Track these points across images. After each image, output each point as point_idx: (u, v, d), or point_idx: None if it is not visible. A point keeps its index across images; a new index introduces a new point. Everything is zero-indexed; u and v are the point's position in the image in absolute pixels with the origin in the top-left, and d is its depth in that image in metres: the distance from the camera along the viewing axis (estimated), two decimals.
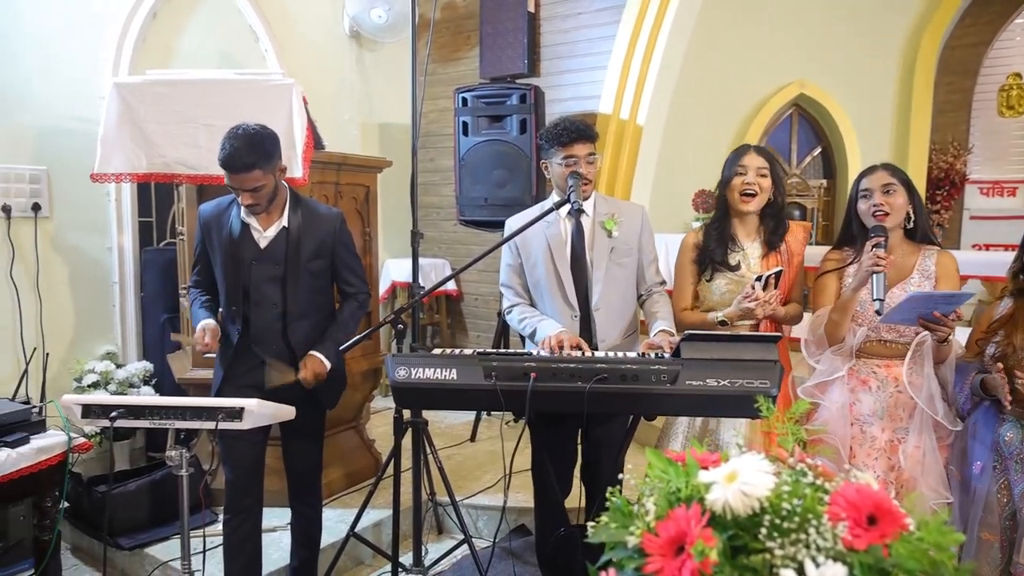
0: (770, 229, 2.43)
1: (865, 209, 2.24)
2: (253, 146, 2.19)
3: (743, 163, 2.39)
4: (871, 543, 0.81)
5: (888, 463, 2.20)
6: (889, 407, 2.22)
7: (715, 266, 2.41)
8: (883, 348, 2.25)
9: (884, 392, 2.22)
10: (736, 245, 2.43)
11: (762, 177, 2.38)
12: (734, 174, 2.40)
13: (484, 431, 4.27)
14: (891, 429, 2.22)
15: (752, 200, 2.38)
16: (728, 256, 2.41)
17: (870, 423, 2.23)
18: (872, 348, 2.26)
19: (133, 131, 2.99)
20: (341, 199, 3.35)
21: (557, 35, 4.82)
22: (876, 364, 2.26)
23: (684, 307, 2.49)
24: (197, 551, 2.30)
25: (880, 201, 2.20)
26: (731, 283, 2.39)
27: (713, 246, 2.42)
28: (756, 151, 2.43)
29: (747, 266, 2.40)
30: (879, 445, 2.22)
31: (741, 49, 5.17)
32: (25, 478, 2.24)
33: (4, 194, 3.31)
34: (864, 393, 2.25)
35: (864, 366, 2.27)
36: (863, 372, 2.27)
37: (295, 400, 2.25)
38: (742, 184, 2.38)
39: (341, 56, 5.11)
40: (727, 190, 2.42)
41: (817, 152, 5.88)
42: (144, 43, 3.87)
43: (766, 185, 2.38)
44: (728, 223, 2.44)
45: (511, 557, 3.07)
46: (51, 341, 3.45)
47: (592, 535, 0.94)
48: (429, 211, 5.44)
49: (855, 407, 2.25)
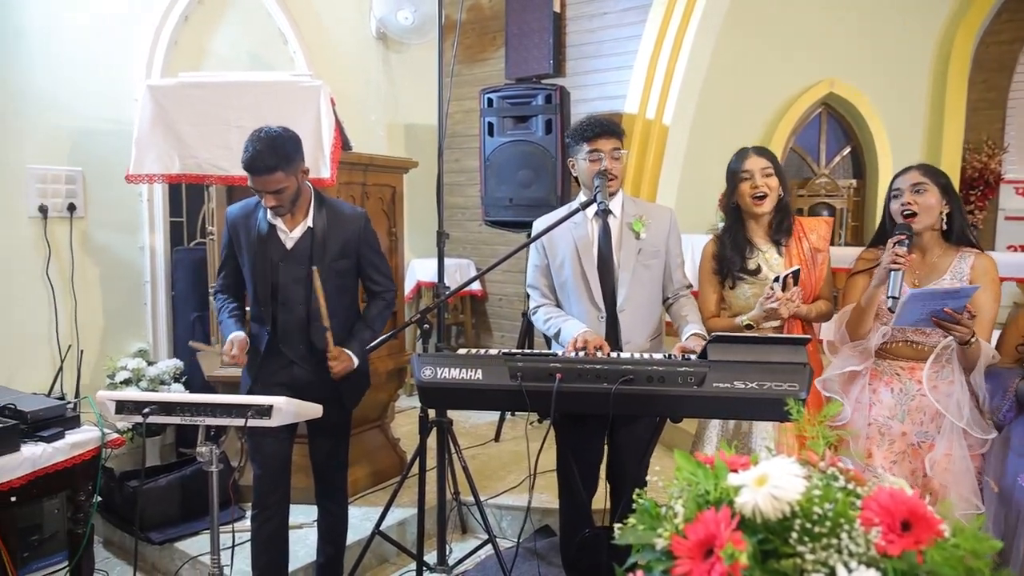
0: (774, 225, 2.42)
1: (895, 209, 2.22)
2: (275, 149, 2.22)
3: (747, 168, 2.38)
4: (905, 549, 0.80)
5: (909, 467, 2.17)
6: (910, 410, 2.18)
7: (735, 274, 2.40)
8: (910, 350, 2.21)
9: (906, 394, 2.19)
10: (753, 249, 2.42)
11: (768, 177, 2.37)
12: (740, 180, 2.39)
13: (508, 431, 4.28)
14: (912, 432, 2.18)
15: (764, 201, 2.37)
16: (746, 261, 2.40)
17: (888, 425, 2.20)
18: (898, 349, 2.23)
19: (166, 132, 3.04)
20: (368, 199, 3.37)
21: (583, 35, 4.81)
22: (900, 366, 2.22)
23: (709, 316, 2.48)
24: (226, 546, 2.33)
25: (908, 200, 2.17)
26: (754, 287, 2.38)
27: (730, 254, 2.41)
28: (756, 152, 2.42)
29: (768, 268, 2.39)
30: (898, 448, 2.19)
31: (769, 48, 5.11)
32: (60, 472, 2.28)
33: (41, 194, 3.39)
34: (885, 394, 2.22)
35: (888, 367, 2.24)
36: (887, 373, 2.24)
37: (321, 399, 2.27)
38: (751, 188, 2.37)
39: (368, 58, 5.15)
40: (736, 197, 2.42)
41: (846, 152, 5.79)
42: (176, 46, 3.94)
43: (774, 184, 2.38)
44: (742, 229, 2.44)
45: (535, 558, 3.07)
46: (85, 339, 3.53)
47: (619, 537, 0.94)
48: (454, 211, 5.45)
49: (874, 407, 2.22)
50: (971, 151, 5.76)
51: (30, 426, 2.25)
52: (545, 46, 4.76)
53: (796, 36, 5.16)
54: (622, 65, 4.61)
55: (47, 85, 3.40)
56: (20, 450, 2.18)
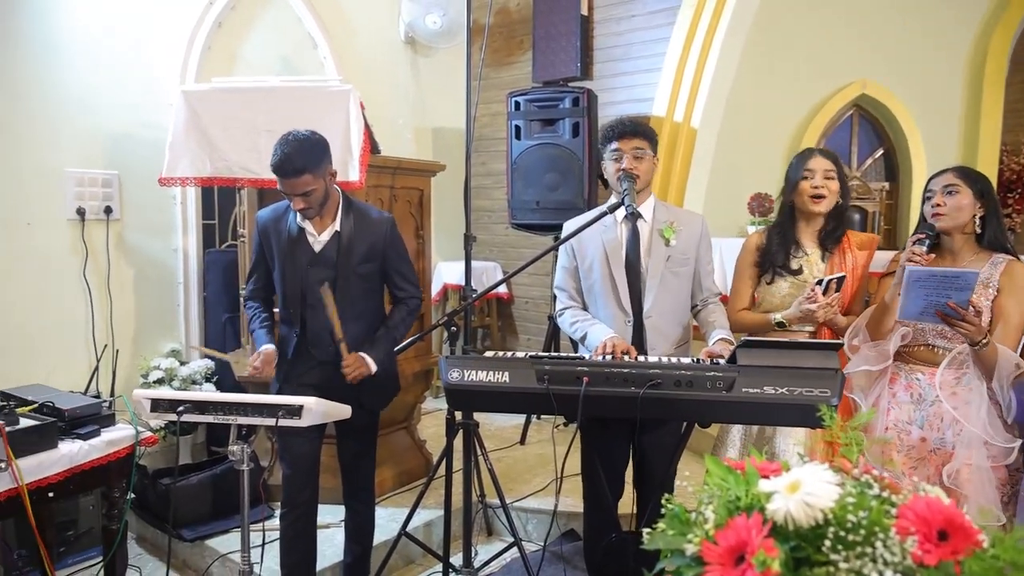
0: (827, 230, 2.40)
1: (926, 210, 2.20)
2: (303, 151, 2.25)
3: (810, 166, 2.36)
4: (942, 559, 0.79)
5: (924, 474, 2.13)
6: (928, 416, 2.15)
7: (776, 269, 2.38)
8: (930, 354, 2.18)
9: (925, 400, 2.16)
10: (799, 250, 2.40)
11: (829, 179, 2.35)
12: (801, 178, 2.37)
13: (533, 434, 4.27)
14: (930, 438, 2.14)
15: (822, 202, 2.35)
16: (790, 260, 2.38)
17: (907, 430, 2.16)
18: (918, 353, 2.20)
19: (199, 136, 3.09)
20: (396, 202, 3.40)
21: (611, 37, 4.79)
22: (920, 370, 2.19)
23: (741, 307, 2.46)
24: (255, 544, 2.36)
25: (938, 202, 2.15)
26: (792, 287, 2.35)
27: (775, 249, 2.40)
28: (821, 154, 2.40)
29: (809, 271, 2.37)
30: (916, 455, 2.15)
31: (800, 49, 5.04)
32: (96, 469, 2.32)
33: (79, 197, 3.47)
34: (904, 398, 2.19)
35: (908, 371, 2.21)
36: (906, 377, 2.21)
37: (350, 400, 2.29)
38: (811, 188, 2.35)
39: (396, 62, 5.19)
40: (794, 194, 2.39)
41: (879, 154, 5.69)
42: (209, 51, 4.00)
43: (834, 188, 2.36)
44: (792, 227, 2.42)
45: (561, 561, 3.06)
46: (120, 339, 3.60)
47: (648, 542, 0.94)
48: (481, 214, 5.47)
49: (892, 412, 2.19)
50: (1008, 153, 5.63)
51: (67, 424, 2.30)
52: (572, 49, 4.75)
53: (827, 37, 5.09)
54: (650, 68, 4.59)
55: (85, 91, 3.48)
56: (58, 447, 2.23)
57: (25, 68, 3.28)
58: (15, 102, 3.25)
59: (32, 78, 3.30)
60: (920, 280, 1.98)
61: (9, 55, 3.22)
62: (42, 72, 3.33)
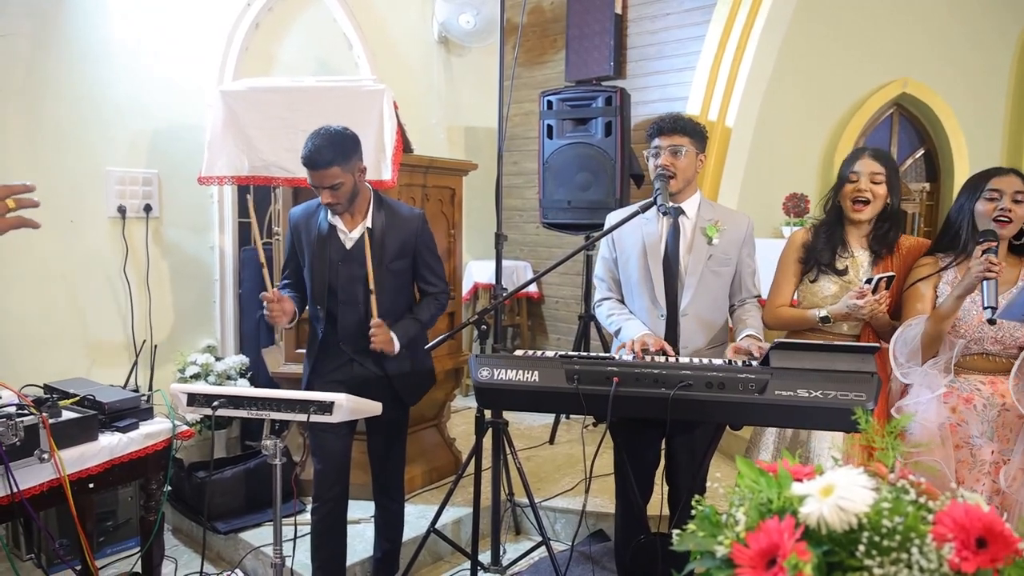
0: (879, 233, 2.32)
1: (986, 210, 2.09)
2: (333, 144, 2.28)
3: (856, 168, 2.29)
4: (980, 567, 0.76)
5: (993, 486, 2.06)
6: (998, 427, 2.07)
7: (821, 267, 2.32)
8: (986, 362, 2.11)
9: (991, 411, 2.08)
10: (846, 250, 2.33)
11: (876, 184, 2.26)
12: (847, 179, 2.30)
13: (563, 434, 4.27)
14: (999, 450, 2.07)
15: (865, 208, 2.28)
16: (836, 259, 2.32)
17: (979, 445, 2.08)
18: (974, 363, 2.12)
19: (236, 136, 3.15)
20: (428, 201, 3.42)
21: (645, 36, 4.76)
22: (980, 381, 2.11)
23: (781, 303, 2.40)
24: (287, 538, 2.40)
25: (1009, 207, 2.06)
26: (836, 286, 2.30)
27: (822, 247, 2.33)
28: (872, 155, 2.30)
29: (855, 272, 2.30)
30: (986, 469, 2.08)
31: (839, 46, 4.95)
32: (134, 461, 2.38)
33: (120, 195, 3.55)
34: (969, 413, 2.09)
35: (966, 383, 2.12)
36: (965, 390, 2.12)
37: (380, 397, 2.31)
38: (854, 191, 2.28)
39: (430, 61, 5.23)
40: (839, 196, 2.33)
41: (920, 154, 5.57)
42: (247, 52, 4.07)
43: (880, 192, 2.27)
44: (840, 228, 2.35)
45: (589, 562, 3.05)
46: (158, 334, 3.69)
47: (678, 543, 0.93)
48: (512, 213, 5.47)
49: (960, 428, 2.10)
50: None
51: (108, 416, 2.36)
52: (606, 48, 4.73)
53: (867, 34, 4.99)
54: (684, 66, 4.55)
55: (127, 92, 3.57)
56: (98, 439, 2.28)
57: (71, 71, 3.37)
58: (59, 103, 3.34)
59: (77, 80, 3.40)
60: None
61: (55, 59, 3.32)
62: (86, 74, 3.43)
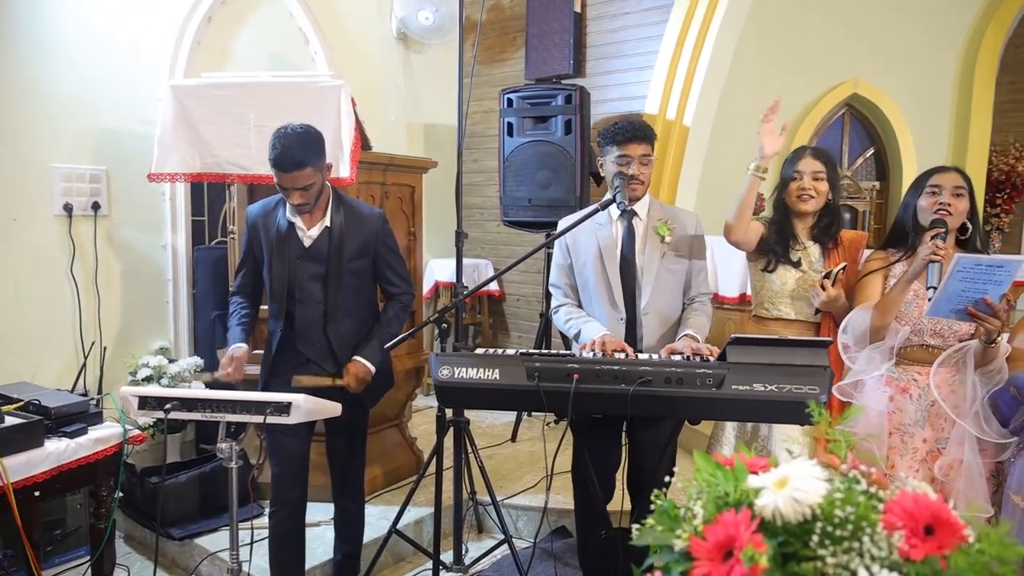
0: (821, 226, 2.43)
1: (928, 205, 2.19)
2: (303, 144, 2.24)
3: (799, 168, 2.40)
4: (928, 553, 0.78)
5: (929, 475, 2.13)
6: (931, 416, 2.15)
7: (779, 260, 2.41)
8: (926, 354, 2.19)
9: (926, 400, 2.16)
10: (798, 243, 2.43)
11: (817, 181, 2.38)
12: (790, 178, 2.41)
13: (524, 431, 4.27)
14: (932, 439, 2.15)
15: (809, 201, 2.39)
16: (790, 252, 2.41)
17: (912, 432, 2.17)
18: (914, 354, 2.20)
19: (188, 132, 3.07)
20: (387, 199, 3.39)
21: (604, 35, 4.79)
22: (917, 371, 2.20)
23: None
24: (244, 543, 2.35)
25: (948, 201, 2.15)
26: (795, 277, 2.39)
27: (775, 242, 2.43)
28: (812, 154, 2.42)
29: (807, 263, 2.40)
30: (920, 456, 2.16)
31: (792, 48, 5.05)
32: (83, 467, 2.31)
33: (66, 193, 3.44)
34: (905, 401, 2.19)
35: (905, 373, 2.21)
36: (903, 379, 2.21)
37: (340, 397, 2.28)
38: (798, 188, 2.39)
39: (388, 57, 5.18)
40: (784, 193, 2.43)
41: (870, 153, 5.72)
42: (199, 46, 3.98)
43: (822, 189, 2.39)
44: (788, 223, 2.45)
45: (551, 558, 3.06)
46: (107, 336, 3.58)
47: (637, 538, 0.93)
48: (473, 212, 5.46)
49: (895, 416, 2.19)
50: (998, 153, 5.67)
51: (54, 421, 2.28)
52: (565, 46, 4.75)
53: (819, 36, 5.11)
54: (643, 65, 4.59)
55: (72, 86, 3.45)
56: (44, 445, 2.21)
57: (12, 63, 3.24)
58: (0, 97, 3.21)
59: (18, 73, 3.27)
60: (964, 269, 1.92)
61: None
62: (29, 67, 3.30)
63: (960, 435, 2.09)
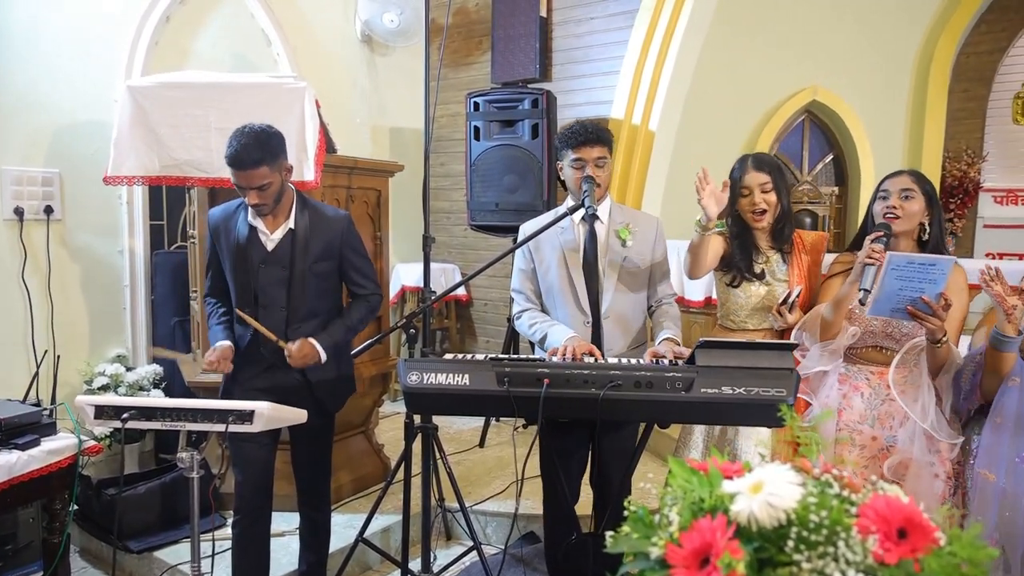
0: (775, 231, 2.44)
1: (879, 210, 2.23)
2: (260, 143, 2.20)
3: (746, 183, 2.38)
4: (902, 557, 0.79)
5: (879, 472, 2.17)
6: (880, 415, 2.20)
7: (743, 275, 2.41)
8: (879, 355, 2.24)
9: (876, 398, 2.21)
10: (760, 254, 2.44)
11: (766, 193, 2.37)
12: (739, 195, 2.40)
13: (492, 437, 4.25)
14: (881, 437, 2.19)
15: (763, 217, 2.39)
16: (753, 265, 2.42)
17: (859, 430, 2.21)
18: (868, 354, 2.25)
19: (146, 134, 2.99)
20: (353, 203, 3.34)
21: (570, 40, 4.81)
22: (870, 371, 2.24)
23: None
24: (206, 555, 2.29)
25: (895, 204, 2.19)
26: (762, 289, 2.40)
27: (738, 258, 2.43)
28: (755, 166, 2.39)
29: (771, 275, 2.41)
30: (868, 453, 2.20)
31: (754, 55, 5.14)
32: (35, 480, 2.23)
33: (17, 196, 3.32)
34: (855, 398, 2.23)
35: (858, 372, 2.25)
36: (856, 378, 2.25)
37: (304, 404, 2.24)
38: (750, 204, 2.38)
39: (353, 60, 5.12)
40: (738, 207, 2.42)
41: (829, 159, 5.85)
42: (157, 46, 3.88)
43: (772, 200, 2.39)
44: (748, 234, 2.44)
45: (521, 564, 3.05)
46: (62, 344, 3.46)
47: (612, 545, 0.92)
48: (439, 216, 5.43)
49: (844, 413, 2.23)
50: (951, 160, 5.84)
51: (4, 433, 2.21)
52: (532, 50, 4.76)
53: (780, 44, 5.21)
54: (609, 70, 4.62)
55: (25, 85, 3.34)
56: None
57: None
58: None
59: None
60: (898, 267, 1.96)
61: None
62: None
63: (911, 434, 2.13)
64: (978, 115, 5.92)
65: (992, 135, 5.96)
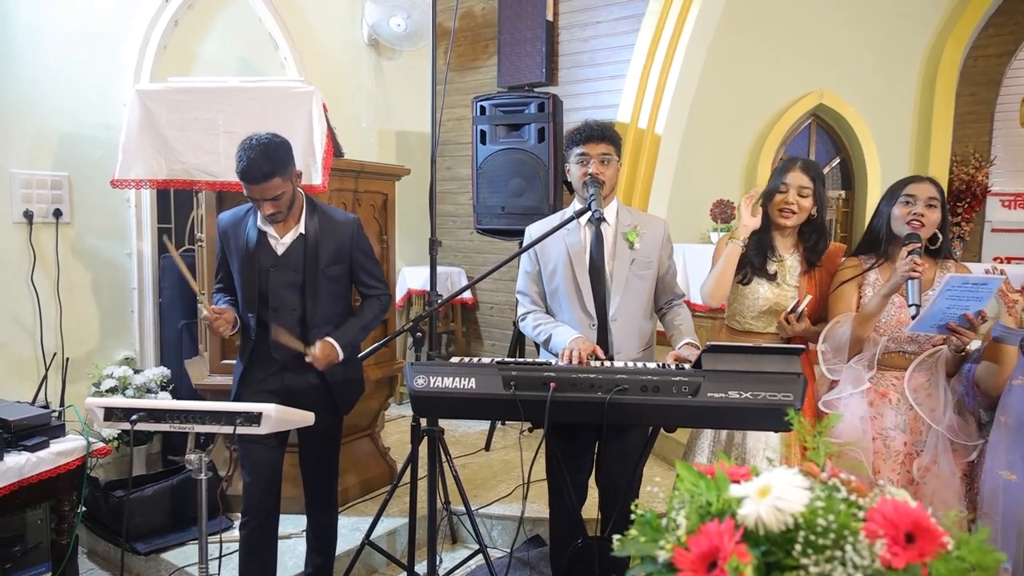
0: (810, 245, 2.41)
1: (902, 215, 2.20)
2: (270, 155, 2.20)
3: (786, 180, 2.36)
4: (910, 561, 0.79)
5: (907, 475, 2.17)
6: (910, 420, 2.19)
7: (755, 272, 2.40)
8: (903, 360, 2.22)
9: (904, 404, 2.20)
10: (775, 255, 2.42)
11: (803, 197, 2.35)
12: (776, 189, 2.38)
13: (498, 440, 4.25)
14: (911, 442, 2.19)
15: (791, 217, 2.36)
16: (767, 264, 2.41)
17: (892, 436, 2.20)
18: (892, 360, 2.23)
19: (154, 138, 3.01)
20: (359, 206, 3.36)
21: (576, 43, 4.82)
22: (895, 376, 2.23)
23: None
24: (214, 556, 2.30)
25: (922, 212, 2.17)
26: (770, 290, 2.39)
27: (752, 253, 2.41)
28: (803, 168, 2.37)
29: (783, 277, 2.39)
30: (900, 459, 2.19)
31: (760, 58, 5.14)
32: (44, 482, 2.24)
33: (26, 200, 3.34)
34: (885, 407, 2.22)
35: (883, 379, 2.24)
36: (883, 384, 2.23)
37: (312, 406, 2.25)
38: (782, 201, 2.36)
39: (360, 64, 5.14)
40: (770, 204, 2.41)
41: (836, 163, 5.83)
42: (165, 50, 3.91)
43: (806, 205, 2.36)
44: (768, 234, 2.43)
45: (526, 567, 3.04)
46: (70, 346, 3.48)
47: (619, 548, 0.93)
48: (445, 219, 5.44)
49: (876, 420, 2.21)
50: (958, 163, 5.82)
51: (14, 435, 2.22)
52: (538, 54, 4.77)
53: (787, 47, 5.20)
54: (615, 74, 4.62)
55: (34, 89, 3.37)
56: (3, 459, 2.14)
57: None
58: None
59: None
60: (953, 288, 1.95)
61: None
62: None
63: (935, 437, 2.14)
64: (985, 119, 5.90)
65: (1000, 139, 5.93)
